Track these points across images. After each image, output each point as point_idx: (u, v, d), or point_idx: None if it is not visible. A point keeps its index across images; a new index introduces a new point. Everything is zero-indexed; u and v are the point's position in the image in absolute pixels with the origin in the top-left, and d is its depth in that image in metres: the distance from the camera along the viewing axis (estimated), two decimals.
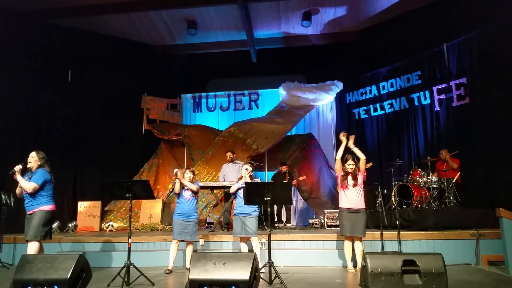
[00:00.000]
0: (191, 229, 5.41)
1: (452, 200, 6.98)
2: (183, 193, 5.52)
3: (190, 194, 5.52)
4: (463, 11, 7.80)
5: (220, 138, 9.35)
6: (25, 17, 8.33)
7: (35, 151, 4.93)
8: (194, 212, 5.53)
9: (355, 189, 5.18)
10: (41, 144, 8.06)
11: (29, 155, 4.89)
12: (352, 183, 5.18)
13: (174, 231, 5.42)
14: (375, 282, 3.26)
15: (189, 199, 5.50)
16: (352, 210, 5.16)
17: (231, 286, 3.28)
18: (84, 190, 9.12)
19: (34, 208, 4.75)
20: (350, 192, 5.19)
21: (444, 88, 8.34)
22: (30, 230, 4.67)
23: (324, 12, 9.22)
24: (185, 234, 5.37)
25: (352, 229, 5.10)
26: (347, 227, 5.12)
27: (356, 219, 5.11)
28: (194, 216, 5.50)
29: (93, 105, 9.44)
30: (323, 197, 9.24)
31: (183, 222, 5.39)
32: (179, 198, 5.51)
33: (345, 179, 5.22)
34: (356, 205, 5.17)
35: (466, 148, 7.73)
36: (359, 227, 5.10)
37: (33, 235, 4.66)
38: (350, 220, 5.12)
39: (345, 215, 5.17)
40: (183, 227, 5.37)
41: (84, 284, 3.68)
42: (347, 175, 5.22)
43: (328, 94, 9.99)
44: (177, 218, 5.44)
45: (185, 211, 5.44)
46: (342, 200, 5.26)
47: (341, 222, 5.22)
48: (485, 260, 5.55)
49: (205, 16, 9.29)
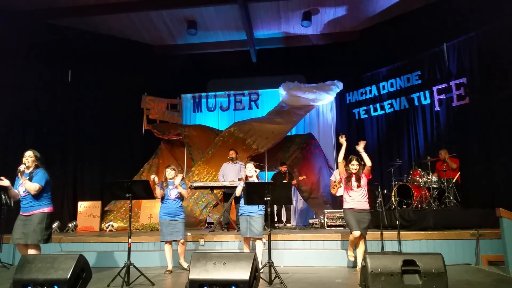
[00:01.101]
0: (180, 227, 5.33)
1: (452, 200, 6.98)
2: (169, 193, 5.41)
3: (176, 194, 5.42)
4: (463, 11, 7.80)
5: (220, 138, 9.35)
6: (25, 17, 8.33)
7: (31, 150, 4.75)
8: (180, 211, 5.45)
9: (359, 190, 5.15)
10: (41, 144, 8.09)
11: (25, 154, 4.69)
12: (356, 184, 5.15)
13: (163, 232, 5.33)
14: (375, 282, 3.26)
15: (175, 199, 5.41)
16: (357, 210, 5.14)
17: (231, 286, 3.28)
18: (84, 190, 9.12)
19: (35, 209, 4.62)
20: (355, 194, 5.16)
21: (444, 88, 8.34)
22: (33, 234, 4.51)
23: (324, 12, 9.22)
24: (175, 234, 5.30)
25: (359, 226, 5.06)
26: (354, 224, 5.05)
27: (361, 218, 5.10)
28: (181, 215, 5.42)
29: (93, 105, 9.44)
30: (323, 197, 9.24)
31: (172, 222, 5.31)
32: (165, 198, 5.41)
33: (349, 181, 5.19)
34: (360, 205, 5.15)
35: (466, 148, 7.74)
36: (364, 226, 5.08)
37: (36, 239, 4.52)
38: (355, 217, 5.09)
39: (350, 213, 5.14)
40: (172, 227, 5.30)
41: (84, 284, 3.69)
42: (350, 176, 5.19)
43: (328, 94, 9.99)
44: (164, 219, 5.34)
45: (172, 211, 5.36)
46: (347, 201, 5.23)
47: (348, 220, 5.15)
48: (485, 260, 5.55)
49: (205, 16, 9.29)
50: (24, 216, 4.63)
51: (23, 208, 4.66)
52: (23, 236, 4.54)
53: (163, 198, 5.43)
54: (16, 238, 4.54)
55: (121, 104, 9.84)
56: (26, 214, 4.63)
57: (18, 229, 4.57)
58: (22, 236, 4.54)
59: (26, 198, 4.65)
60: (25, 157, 4.69)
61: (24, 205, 4.65)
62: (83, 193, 9.03)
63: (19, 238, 4.54)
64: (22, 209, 4.66)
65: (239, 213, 5.47)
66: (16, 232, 4.56)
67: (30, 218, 4.60)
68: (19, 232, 4.55)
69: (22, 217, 4.63)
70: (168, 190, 5.42)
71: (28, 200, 4.64)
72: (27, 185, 4.58)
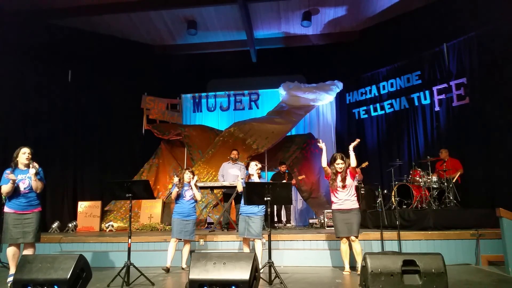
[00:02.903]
0: (190, 228, 5.54)
1: (452, 200, 6.98)
2: (184, 193, 5.61)
3: (190, 194, 5.62)
4: (463, 11, 7.80)
5: (220, 138, 9.35)
6: (25, 17, 8.34)
7: (28, 147, 4.67)
8: (193, 212, 5.66)
9: (345, 190, 5.08)
10: (41, 144, 8.10)
11: (25, 151, 4.60)
12: (341, 184, 5.07)
13: (174, 230, 5.50)
14: (375, 282, 3.26)
15: (189, 200, 5.62)
16: (345, 210, 5.06)
17: (231, 286, 3.28)
18: (84, 190, 9.12)
19: (34, 208, 4.64)
20: (341, 194, 5.10)
21: (444, 88, 8.34)
22: (33, 233, 4.52)
23: (324, 12, 9.22)
24: (184, 233, 5.48)
25: (348, 229, 5.00)
26: (341, 228, 5.03)
27: (350, 218, 5.02)
28: (193, 216, 5.64)
29: (93, 105, 9.44)
30: (323, 197, 9.25)
31: (183, 222, 5.50)
32: (179, 199, 5.61)
33: (334, 181, 5.12)
34: (347, 205, 5.07)
35: (466, 148, 7.74)
36: (354, 226, 5.00)
37: (37, 237, 4.60)
38: (343, 221, 5.03)
39: (338, 216, 5.08)
40: (182, 226, 5.48)
41: (84, 284, 3.68)
42: (336, 176, 5.13)
43: (328, 94, 10.00)
44: (177, 218, 5.53)
45: (185, 211, 5.55)
46: (334, 202, 5.17)
47: (335, 224, 5.13)
48: (485, 260, 5.55)
49: (205, 16, 9.29)
50: (22, 215, 4.55)
51: (21, 206, 4.55)
52: (23, 235, 4.51)
53: (178, 198, 5.60)
54: (17, 237, 4.49)
55: (121, 104, 9.84)
56: (25, 212, 4.57)
57: (17, 228, 4.50)
58: (22, 235, 4.51)
59: (26, 196, 4.59)
60: (27, 153, 4.62)
61: (23, 203, 4.57)
62: (83, 193, 9.03)
63: (19, 238, 4.50)
64: (20, 207, 4.55)
65: (239, 212, 5.49)
66: (15, 231, 4.48)
67: (30, 217, 4.58)
68: (19, 231, 4.50)
69: (18, 216, 4.53)
70: (183, 191, 5.61)
71: (29, 199, 4.60)
72: (38, 183, 4.58)
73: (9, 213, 4.55)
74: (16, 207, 4.56)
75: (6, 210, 4.56)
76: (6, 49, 7.94)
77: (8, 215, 4.54)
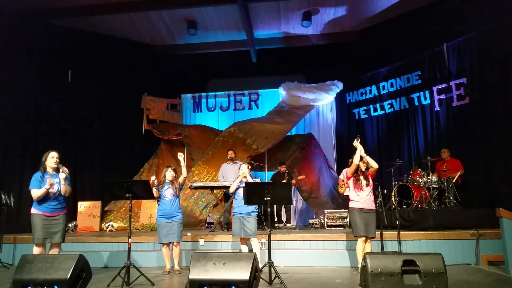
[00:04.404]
0: (176, 229, 5.22)
1: (452, 200, 6.98)
2: (164, 193, 5.31)
3: (171, 193, 5.31)
4: (463, 11, 7.81)
5: (220, 138, 9.35)
6: (25, 17, 8.33)
7: (55, 151, 4.84)
8: (177, 212, 5.32)
9: (367, 189, 5.13)
10: (41, 144, 8.08)
11: (52, 154, 4.76)
12: (365, 183, 5.12)
13: (160, 235, 5.25)
14: (375, 282, 3.26)
15: (171, 199, 5.30)
16: (365, 210, 5.09)
17: (231, 286, 3.28)
18: (84, 190, 9.11)
19: (62, 210, 4.77)
20: (363, 193, 5.12)
21: (444, 88, 8.34)
22: (61, 233, 4.69)
23: (324, 12, 9.22)
24: (171, 236, 5.20)
25: (366, 229, 5.01)
26: (361, 226, 5.01)
27: (369, 219, 5.05)
28: (177, 216, 5.30)
29: (93, 105, 9.44)
30: (323, 197, 9.23)
31: (167, 224, 5.22)
32: (161, 200, 5.31)
33: (358, 180, 5.14)
34: (368, 205, 5.11)
35: (466, 148, 7.74)
36: (372, 227, 5.04)
37: (62, 238, 4.73)
38: (363, 220, 5.04)
39: (358, 214, 5.07)
40: (167, 229, 5.20)
41: (84, 284, 3.68)
42: (359, 176, 5.15)
43: (328, 94, 10.00)
44: (160, 221, 5.26)
45: (167, 212, 5.25)
46: (355, 200, 5.14)
47: (355, 222, 5.08)
48: (485, 260, 5.55)
49: (205, 16, 9.29)
50: (50, 217, 4.65)
51: (49, 209, 4.64)
52: (50, 236, 4.64)
53: (159, 199, 5.33)
54: (44, 237, 4.60)
55: (121, 104, 9.84)
56: (53, 214, 4.67)
57: (45, 229, 4.60)
58: (49, 235, 4.63)
59: (55, 199, 4.69)
60: (55, 158, 4.76)
61: (51, 206, 4.65)
62: (83, 193, 9.02)
63: (46, 238, 4.62)
64: (48, 210, 4.64)
65: (232, 213, 5.45)
66: (41, 232, 4.58)
67: (58, 218, 4.70)
68: (45, 232, 4.61)
69: (46, 217, 4.62)
70: (163, 190, 5.33)
71: (57, 202, 4.71)
72: (67, 187, 4.75)
73: (38, 214, 4.64)
74: (45, 209, 4.64)
75: (34, 211, 4.65)
76: (6, 49, 7.93)
77: (36, 216, 4.63)
